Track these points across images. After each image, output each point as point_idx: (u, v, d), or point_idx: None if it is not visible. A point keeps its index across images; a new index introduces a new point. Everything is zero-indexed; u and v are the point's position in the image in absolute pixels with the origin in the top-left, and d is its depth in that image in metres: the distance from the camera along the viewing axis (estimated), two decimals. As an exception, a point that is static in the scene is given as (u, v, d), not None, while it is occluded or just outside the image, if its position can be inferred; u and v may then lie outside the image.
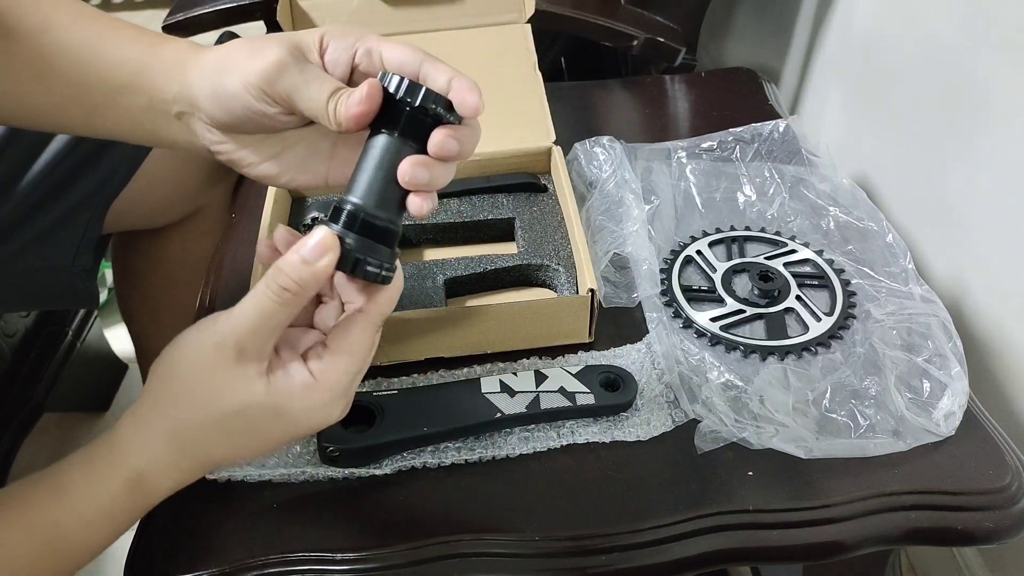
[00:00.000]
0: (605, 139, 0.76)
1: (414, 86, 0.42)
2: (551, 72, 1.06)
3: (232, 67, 0.45)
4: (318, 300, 0.48)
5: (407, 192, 0.44)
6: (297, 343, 0.45)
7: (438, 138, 0.43)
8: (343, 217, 0.43)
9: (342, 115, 0.43)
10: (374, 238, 0.43)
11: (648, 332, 0.64)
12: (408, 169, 0.43)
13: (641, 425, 0.57)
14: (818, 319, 0.64)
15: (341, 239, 0.42)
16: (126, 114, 0.49)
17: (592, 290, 0.60)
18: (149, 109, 0.48)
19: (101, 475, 0.44)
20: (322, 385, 0.43)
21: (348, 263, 0.42)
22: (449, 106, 0.43)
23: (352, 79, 0.46)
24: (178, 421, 0.44)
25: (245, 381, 0.42)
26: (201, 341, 0.43)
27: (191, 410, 0.43)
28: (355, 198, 0.43)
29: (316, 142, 0.49)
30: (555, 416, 0.57)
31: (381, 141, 0.43)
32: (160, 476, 0.44)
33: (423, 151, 0.43)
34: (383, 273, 0.43)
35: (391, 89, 0.42)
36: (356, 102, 0.42)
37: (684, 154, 0.78)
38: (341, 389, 0.44)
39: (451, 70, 0.44)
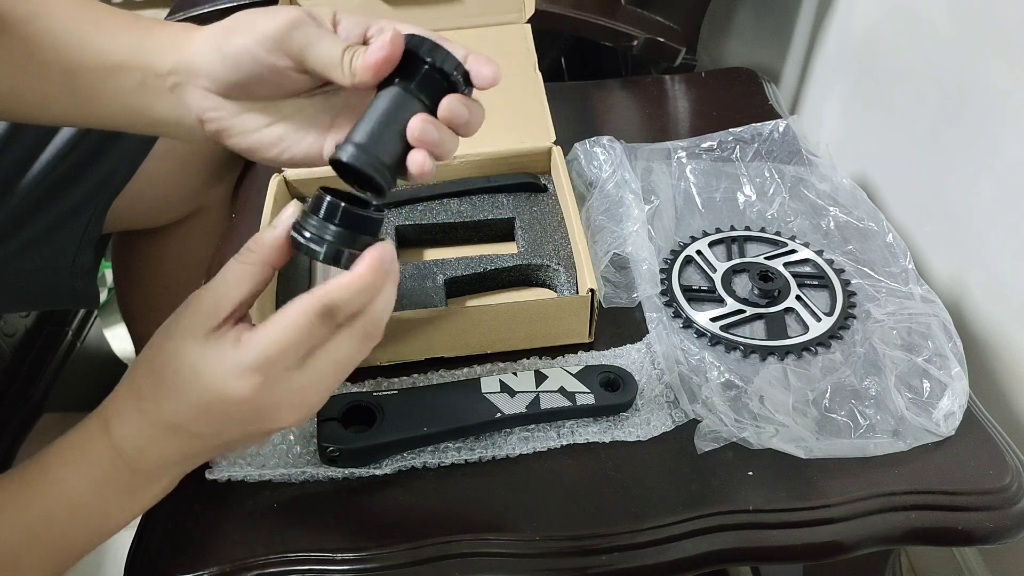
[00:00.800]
0: (605, 139, 0.76)
1: (437, 46, 0.42)
2: (551, 72, 1.06)
3: (243, 27, 0.45)
4: None
5: (408, 149, 0.43)
6: None
7: (451, 102, 0.43)
8: (323, 203, 0.42)
9: (359, 65, 0.43)
10: (350, 224, 0.42)
11: (648, 332, 0.64)
12: (419, 125, 0.42)
13: (641, 425, 0.57)
14: (818, 319, 0.64)
15: (306, 219, 0.42)
16: (115, 97, 0.49)
17: (592, 290, 0.60)
18: (142, 86, 0.48)
19: (85, 452, 0.44)
20: (235, 350, 0.41)
21: (294, 237, 0.42)
22: (467, 76, 0.43)
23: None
24: (139, 383, 0.44)
25: (189, 335, 0.42)
26: (175, 313, 0.44)
27: (152, 367, 0.43)
28: (357, 139, 0.43)
29: (314, 115, 0.49)
30: (555, 416, 0.57)
31: (392, 92, 0.43)
32: (132, 438, 0.43)
33: (433, 113, 0.43)
34: (314, 248, 0.42)
35: (414, 46, 0.42)
36: (378, 47, 0.42)
37: (684, 154, 0.78)
38: (250, 360, 0.41)
39: (466, 48, 0.44)
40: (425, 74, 0.43)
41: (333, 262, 0.42)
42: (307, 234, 0.42)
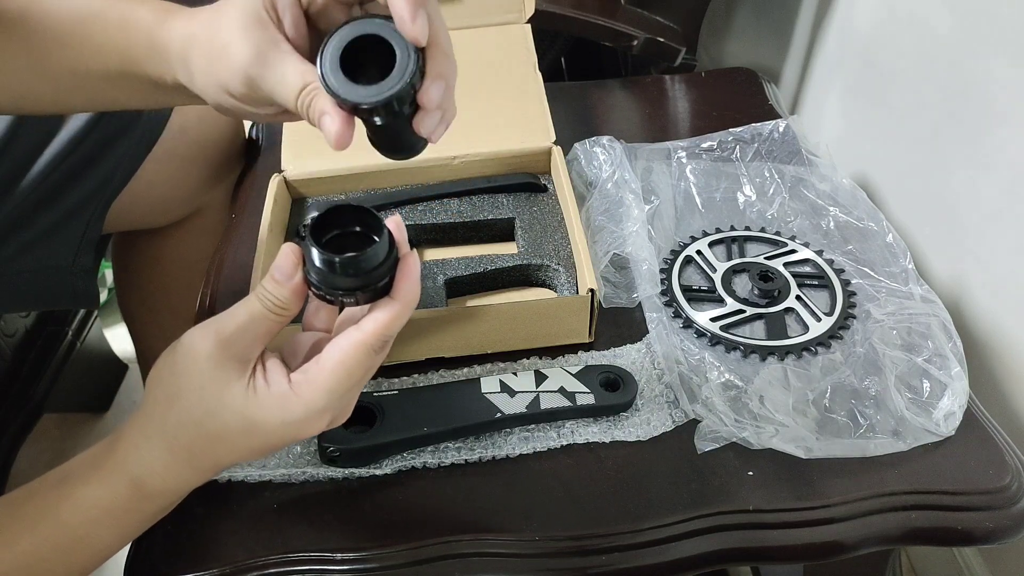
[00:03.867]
0: (605, 139, 0.76)
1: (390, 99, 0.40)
2: (551, 72, 1.06)
3: (208, 74, 0.45)
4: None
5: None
6: (302, 349, 0.45)
7: (427, 89, 0.42)
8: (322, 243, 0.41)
9: (318, 122, 0.42)
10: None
11: (648, 332, 0.64)
12: (430, 84, 0.42)
13: (641, 425, 0.57)
14: (818, 319, 0.64)
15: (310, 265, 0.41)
16: (137, 93, 0.50)
17: (592, 290, 0.60)
18: (157, 89, 0.49)
19: (103, 477, 0.44)
20: (299, 399, 0.42)
21: (324, 295, 0.42)
22: (414, 77, 0.40)
23: (312, 23, 0.45)
24: (163, 422, 0.44)
25: (223, 382, 0.42)
26: (193, 342, 0.43)
27: (174, 410, 0.43)
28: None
29: None
30: (555, 416, 0.57)
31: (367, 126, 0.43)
32: (155, 479, 0.44)
33: (411, 112, 0.43)
34: (353, 302, 0.41)
35: (346, 104, 0.41)
36: (332, 140, 0.42)
37: (684, 154, 0.78)
38: (320, 407, 0.42)
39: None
40: (387, 109, 0.41)
41: (370, 302, 0.42)
42: (332, 293, 0.41)
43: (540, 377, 0.58)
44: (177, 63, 0.47)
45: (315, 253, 0.40)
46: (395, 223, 0.43)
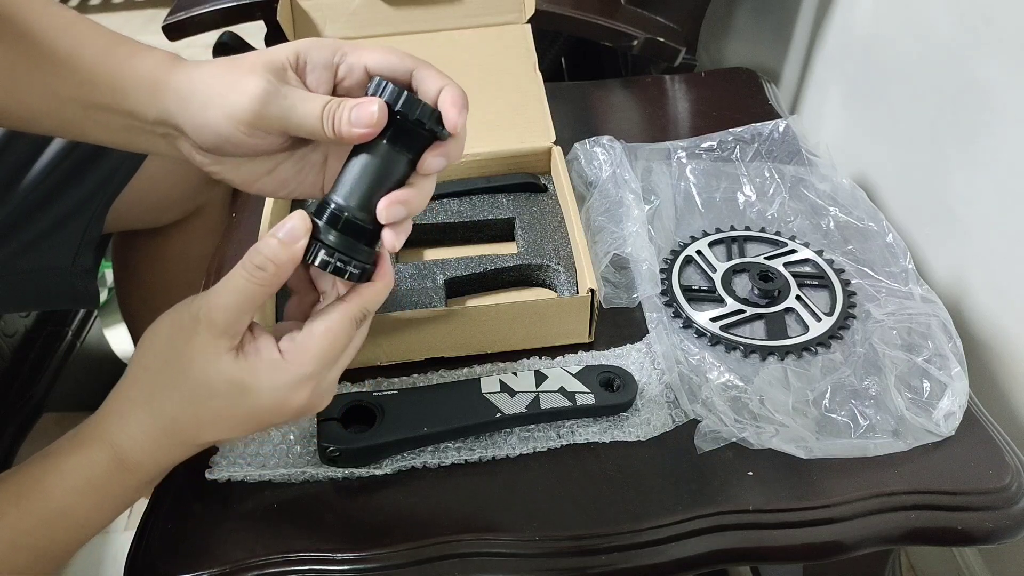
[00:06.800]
0: (605, 139, 0.76)
1: (411, 100, 0.42)
2: (551, 72, 1.06)
3: (213, 101, 0.44)
4: (314, 299, 0.48)
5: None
6: (282, 333, 0.45)
7: (430, 161, 0.44)
8: (325, 214, 0.44)
9: (343, 130, 0.43)
10: (353, 235, 0.44)
11: (648, 332, 0.64)
12: (385, 209, 0.43)
13: (641, 425, 0.57)
14: (818, 319, 0.64)
15: (320, 234, 0.43)
16: (106, 129, 0.48)
17: (592, 290, 0.60)
18: (129, 128, 0.47)
19: (85, 446, 0.44)
20: (289, 363, 0.43)
21: (318, 257, 0.43)
22: (440, 119, 0.43)
23: (336, 93, 0.46)
24: (150, 392, 0.44)
25: (214, 353, 0.43)
26: (178, 316, 0.44)
27: (161, 380, 0.44)
28: (339, 199, 0.44)
29: (307, 155, 0.49)
30: (555, 416, 0.57)
31: (374, 149, 0.44)
32: (136, 449, 0.44)
33: (412, 158, 0.44)
34: (350, 269, 0.44)
35: (387, 99, 0.43)
36: (364, 123, 0.42)
37: (684, 154, 0.78)
38: (308, 372, 0.44)
39: (442, 77, 0.44)
40: (400, 127, 0.43)
41: (360, 280, 0.45)
42: (336, 257, 0.43)
43: (540, 377, 0.58)
44: (172, 95, 0.45)
45: (345, 216, 0.44)
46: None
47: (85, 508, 0.44)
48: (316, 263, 0.43)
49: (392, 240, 0.44)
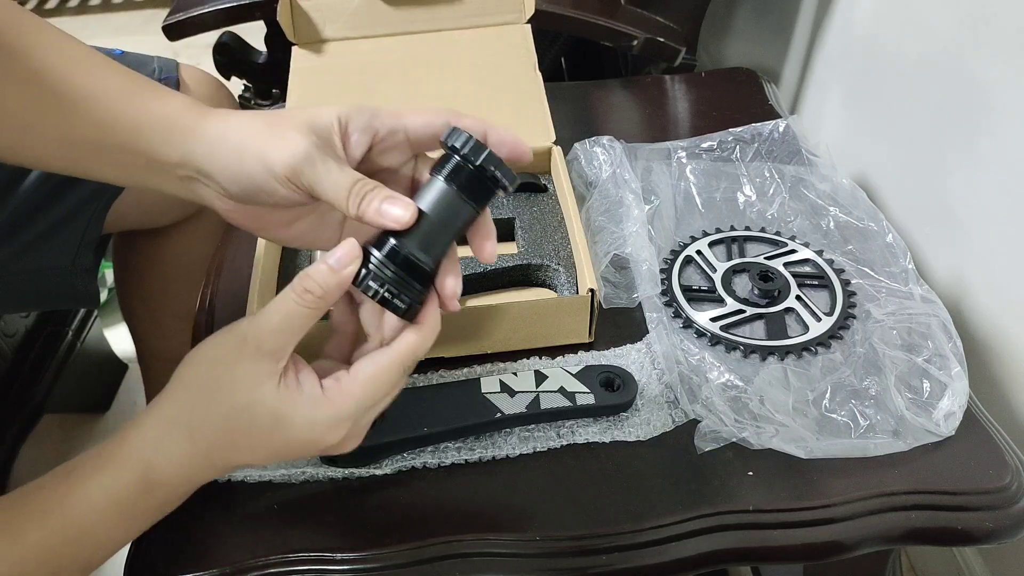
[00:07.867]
0: (605, 139, 0.76)
1: (492, 156, 0.43)
2: (551, 72, 1.06)
3: (250, 151, 0.44)
4: (356, 338, 0.48)
5: (451, 240, 0.46)
6: (323, 372, 0.45)
7: (487, 249, 0.47)
8: (386, 248, 0.44)
9: (369, 218, 0.43)
10: (407, 272, 0.44)
11: (648, 332, 0.64)
12: (452, 284, 0.46)
13: (641, 425, 0.57)
14: (818, 319, 0.64)
15: (373, 263, 0.43)
16: (121, 168, 0.48)
17: (592, 290, 0.60)
18: (148, 168, 0.47)
19: (112, 464, 0.44)
20: (329, 402, 0.44)
21: (368, 283, 0.43)
22: (502, 165, 0.44)
23: (369, 155, 0.46)
24: (190, 412, 0.44)
25: (256, 377, 0.43)
26: (224, 339, 0.44)
27: (203, 401, 0.44)
28: (402, 235, 0.44)
29: (329, 212, 0.49)
30: (555, 416, 0.57)
31: (438, 188, 0.45)
32: (169, 467, 0.44)
33: (476, 208, 0.45)
34: (397, 302, 0.44)
35: (456, 144, 0.43)
36: (391, 219, 0.43)
37: (684, 154, 0.78)
38: (347, 414, 0.44)
39: (481, 121, 0.45)
40: (468, 175, 0.44)
41: (404, 315, 0.45)
42: (386, 288, 0.44)
43: (540, 377, 0.58)
44: (201, 140, 0.45)
45: (404, 253, 0.44)
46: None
47: (109, 527, 0.44)
48: (366, 291, 0.43)
49: (454, 286, 0.46)
